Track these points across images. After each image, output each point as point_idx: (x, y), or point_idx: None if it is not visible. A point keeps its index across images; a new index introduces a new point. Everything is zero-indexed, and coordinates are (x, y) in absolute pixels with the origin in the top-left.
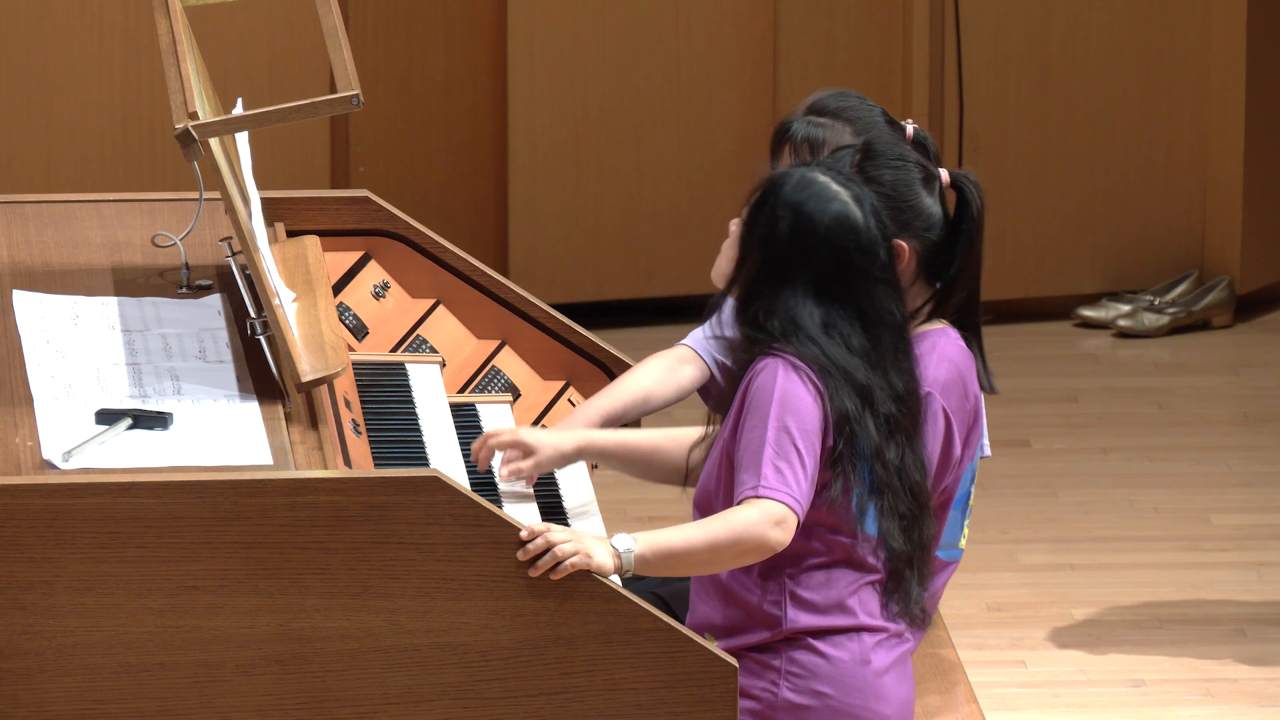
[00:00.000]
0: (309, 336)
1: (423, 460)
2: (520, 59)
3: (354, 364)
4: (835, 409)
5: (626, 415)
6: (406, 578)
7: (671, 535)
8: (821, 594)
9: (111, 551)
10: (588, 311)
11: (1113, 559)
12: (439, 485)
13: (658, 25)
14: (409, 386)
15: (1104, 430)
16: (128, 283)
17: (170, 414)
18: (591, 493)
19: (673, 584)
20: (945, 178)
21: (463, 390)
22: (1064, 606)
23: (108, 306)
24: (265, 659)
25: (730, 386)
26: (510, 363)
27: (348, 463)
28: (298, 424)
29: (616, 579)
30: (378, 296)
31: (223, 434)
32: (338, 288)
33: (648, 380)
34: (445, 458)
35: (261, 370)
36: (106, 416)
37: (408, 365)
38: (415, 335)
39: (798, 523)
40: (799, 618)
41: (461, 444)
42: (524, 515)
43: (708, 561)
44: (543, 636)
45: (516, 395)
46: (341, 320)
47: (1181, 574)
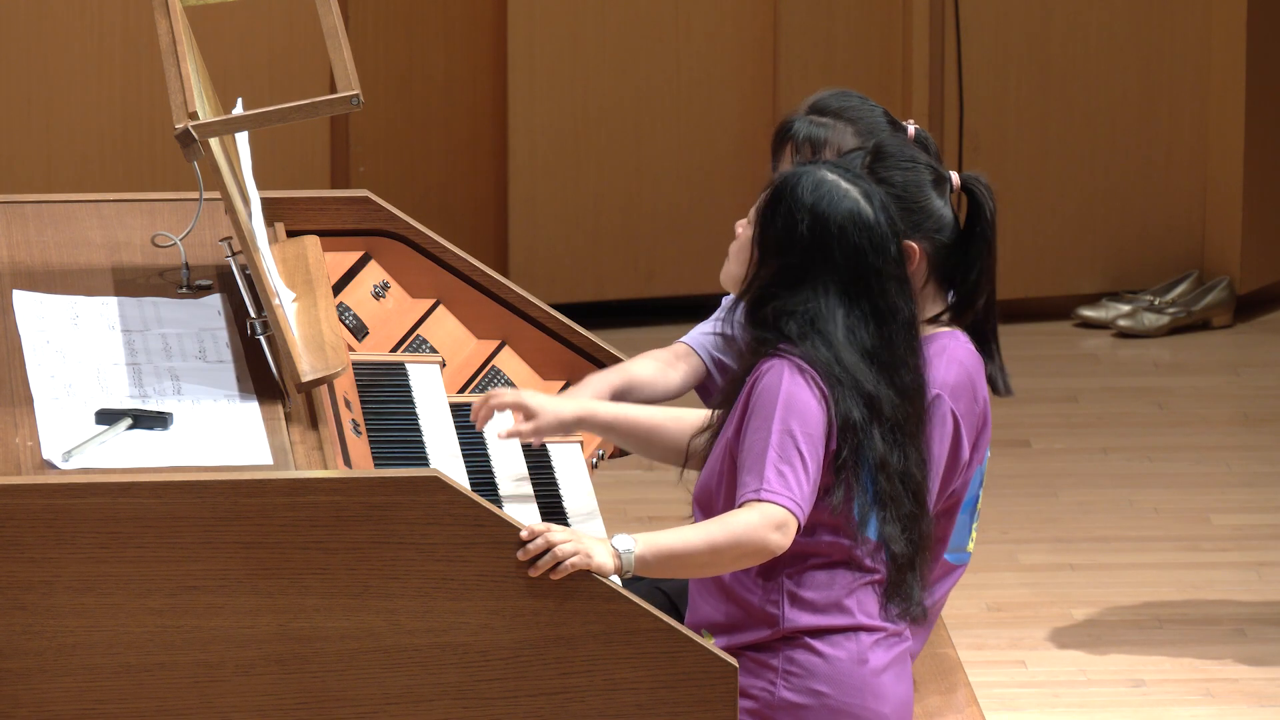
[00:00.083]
0: (309, 336)
1: (423, 460)
2: (520, 59)
3: (354, 364)
4: (840, 414)
5: (626, 396)
6: (406, 578)
7: (672, 537)
8: (820, 594)
9: (111, 551)
10: (588, 311)
11: (1113, 559)
12: (439, 485)
13: (658, 25)
14: (409, 386)
15: (1104, 430)
16: (128, 283)
17: (170, 414)
18: (591, 493)
19: (676, 580)
20: (956, 180)
21: (463, 390)
22: (1064, 606)
23: (108, 306)
24: (265, 659)
25: (734, 385)
26: (510, 363)
27: (348, 463)
28: (298, 424)
29: (616, 579)
30: (378, 296)
31: (223, 434)
32: (338, 288)
33: (644, 371)
34: (445, 458)
35: (261, 370)
36: (106, 416)
37: (408, 365)
38: (415, 335)
39: (798, 526)
40: (797, 617)
41: (461, 444)
42: (524, 515)
43: (708, 563)
44: (543, 636)
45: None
46: (341, 320)
47: (1181, 574)
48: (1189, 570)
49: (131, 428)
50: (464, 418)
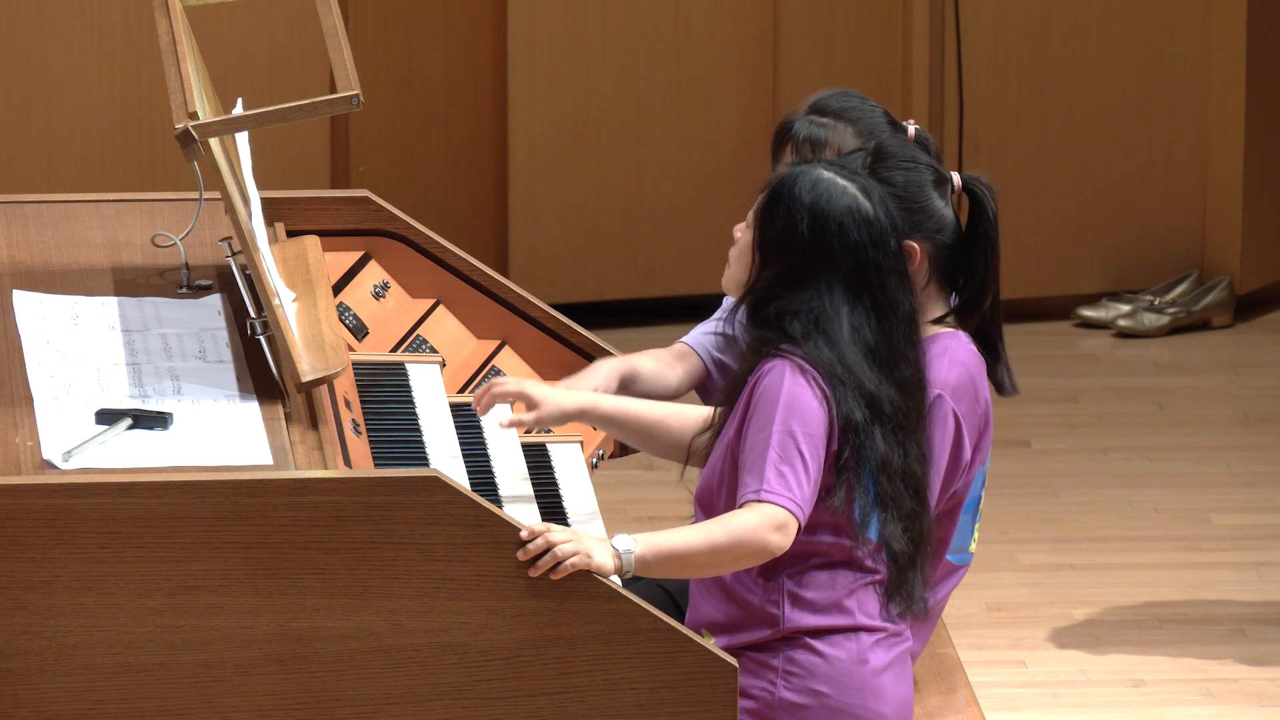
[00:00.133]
0: (309, 336)
1: (423, 460)
2: (520, 59)
3: (354, 364)
4: (842, 415)
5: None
6: (406, 578)
7: (672, 537)
8: (821, 594)
9: (111, 551)
10: (588, 311)
11: (1113, 559)
12: (439, 485)
13: (658, 25)
14: (409, 386)
15: (1104, 430)
16: (128, 283)
17: (170, 414)
18: (591, 493)
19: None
20: (958, 181)
21: (463, 390)
22: (1064, 606)
23: (108, 306)
24: (265, 659)
25: (736, 385)
26: (510, 363)
27: (348, 463)
28: (298, 424)
29: (616, 579)
30: (378, 296)
31: (223, 434)
32: (338, 288)
33: (647, 365)
34: (445, 458)
35: (261, 370)
36: (106, 416)
37: (408, 365)
38: (415, 335)
39: (799, 527)
40: (797, 617)
41: (461, 444)
42: (524, 515)
43: (708, 564)
44: (543, 636)
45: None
46: (341, 320)
47: (1181, 574)
48: (1189, 570)
49: (131, 428)
50: (464, 418)
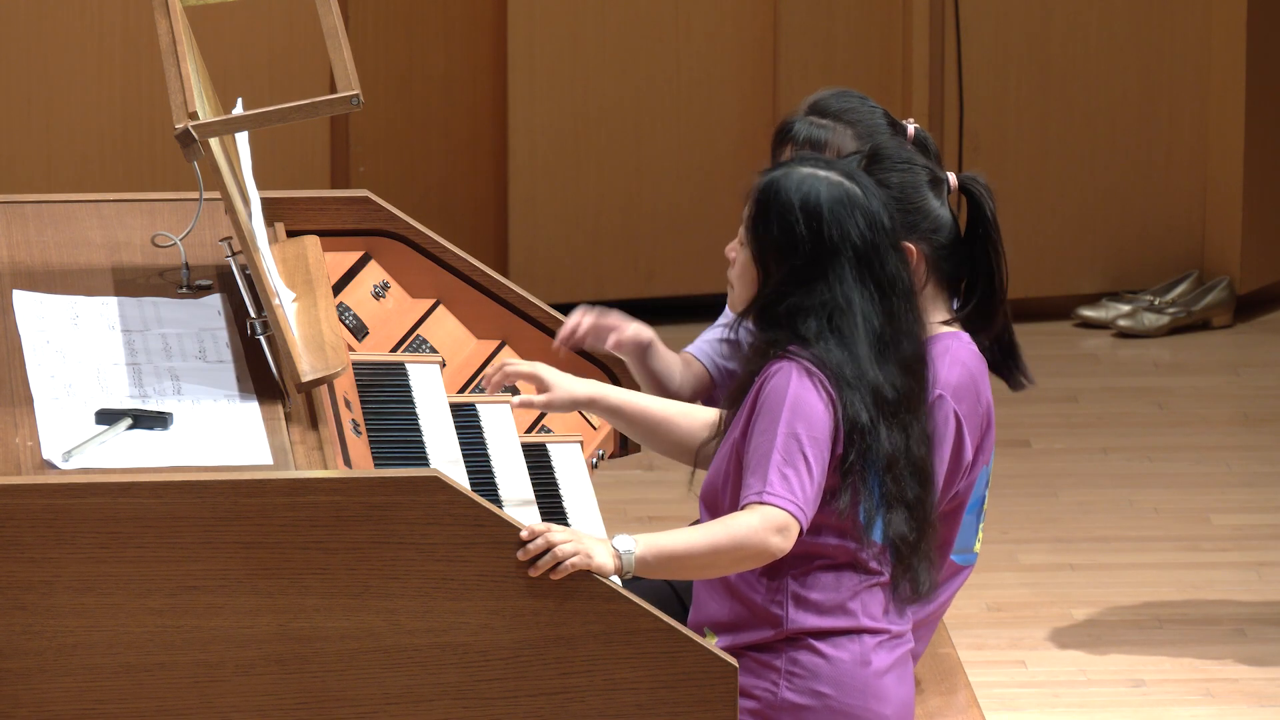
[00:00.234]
0: (309, 336)
1: (423, 460)
2: (520, 59)
3: (354, 364)
4: (848, 418)
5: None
6: (406, 578)
7: (673, 538)
8: (824, 595)
9: (111, 551)
10: None
11: (1113, 559)
12: (439, 485)
13: (658, 25)
14: (409, 386)
15: (1104, 430)
16: (128, 283)
17: (170, 414)
18: (591, 493)
19: None
20: (954, 182)
21: (463, 390)
22: (1064, 606)
23: (108, 306)
24: (265, 659)
25: (742, 386)
26: None
27: (348, 463)
28: (298, 424)
29: (617, 580)
30: (378, 296)
31: (223, 434)
32: (338, 288)
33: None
34: (445, 458)
35: (261, 370)
36: (106, 416)
37: (408, 365)
38: (415, 335)
39: (800, 530)
40: (800, 618)
41: (462, 444)
42: (524, 515)
43: (708, 565)
44: (543, 636)
45: (516, 395)
46: (341, 320)
47: (1181, 574)
48: (1189, 570)
49: (131, 428)
50: (464, 418)
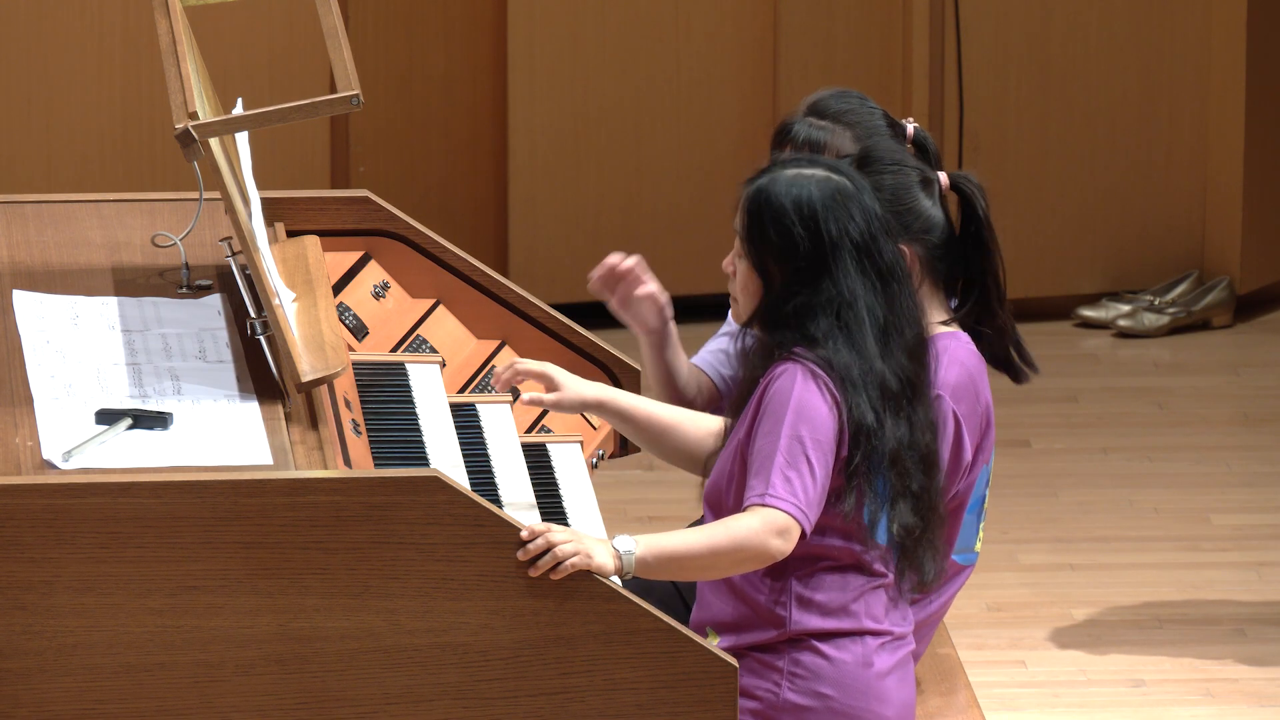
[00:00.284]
0: (309, 336)
1: (423, 460)
2: (520, 59)
3: (354, 364)
4: (853, 420)
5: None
6: (406, 578)
7: (673, 539)
8: (828, 597)
9: (111, 551)
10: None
11: (1113, 559)
12: (439, 485)
13: (658, 25)
14: (409, 386)
15: (1104, 430)
16: (128, 283)
17: (170, 414)
18: (591, 493)
19: None
20: (944, 181)
21: (463, 390)
22: (1064, 606)
23: (108, 306)
24: (265, 659)
25: (746, 389)
26: None
27: (348, 463)
28: (298, 424)
29: (617, 580)
30: (378, 296)
31: (223, 434)
32: (338, 288)
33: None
34: (445, 458)
35: (261, 370)
36: (106, 416)
37: (408, 365)
38: (415, 335)
39: (802, 532)
40: (804, 619)
41: (462, 444)
42: (524, 515)
43: (708, 567)
44: (543, 636)
45: (516, 395)
46: (341, 320)
47: (1181, 574)
48: (1189, 570)
49: (131, 428)
50: (464, 418)
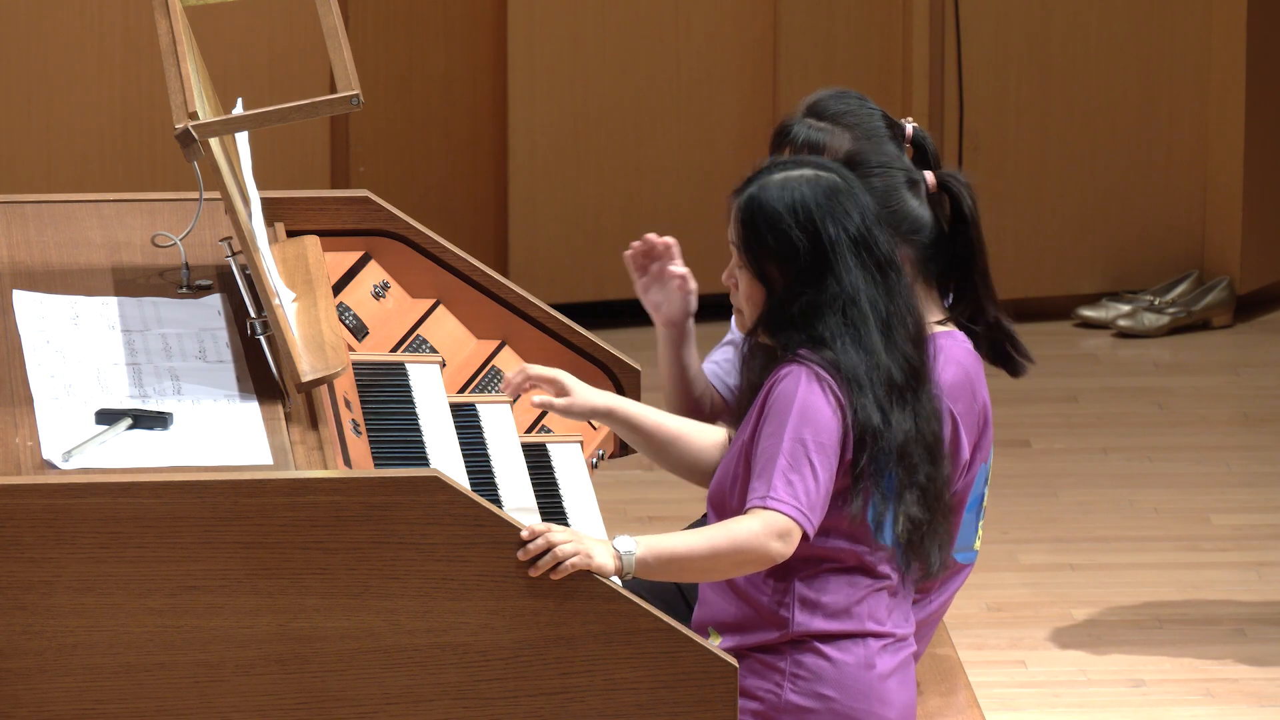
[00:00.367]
0: (309, 336)
1: (423, 460)
2: (520, 59)
3: (354, 364)
4: (858, 423)
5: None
6: (406, 578)
7: (674, 540)
8: (831, 599)
9: (111, 551)
10: (588, 311)
11: (1113, 559)
12: (439, 485)
13: (658, 25)
14: (409, 386)
15: (1104, 430)
16: (128, 283)
17: (170, 414)
18: (591, 493)
19: None
20: (931, 180)
21: (463, 390)
22: (1064, 606)
23: (108, 306)
24: (265, 659)
25: (750, 392)
26: (510, 363)
27: (348, 463)
28: (298, 424)
29: (617, 580)
30: (378, 296)
31: (223, 434)
32: (338, 288)
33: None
34: (445, 458)
35: (261, 370)
36: (106, 416)
37: (408, 365)
38: (415, 335)
39: (803, 535)
40: (806, 621)
41: (462, 444)
42: (524, 515)
43: (708, 569)
44: (543, 636)
45: (516, 395)
46: (341, 320)
47: (1181, 574)
48: (1189, 570)
49: (131, 428)
50: (464, 418)
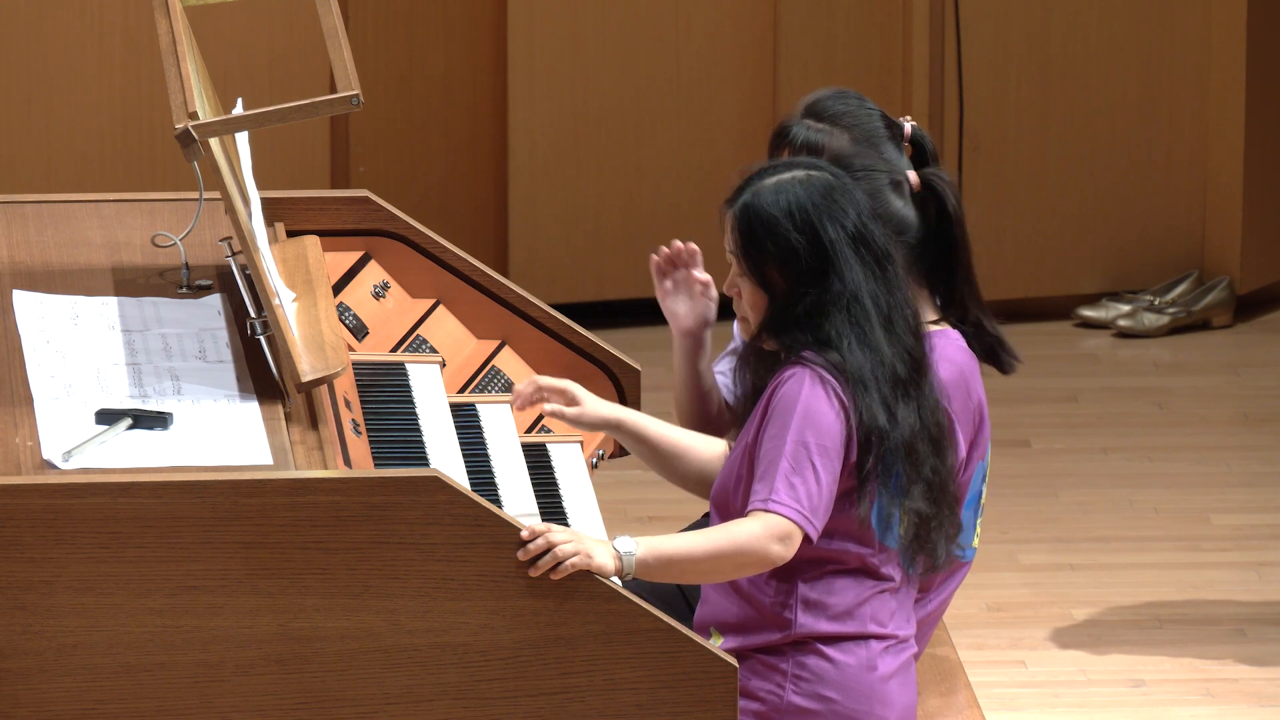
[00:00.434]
0: (309, 336)
1: (423, 460)
2: (520, 59)
3: (354, 364)
4: (864, 425)
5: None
6: (406, 578)
7: (674, 542)
8: (834, 600)
9: (111, 551)
10: (588, 311)
11: (1113, 559)
12: (439, 485)
13: (658, 25)
14: (409, 386)
15: (1104, 430)
16: (128, 283)
17: (170, 414)
18: (591, 493)
19: None
20: (915, 180)
21: (463, 390)
22: (1064, 606)
23: (108, 306)
24: (265, 659)
25: (754, 394)
26: (510, 363)
27: (348, 463)
28: (298, 424)
29: (617, 580)
30: (378, 296)
31: (223, 434)
32: (338, 288)
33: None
34: (445, 458)
35: (261, 370)
36: (106, 416)
37: (408, 365)
38: (415, 335)
39: (805, 538)
40: (809, 622)
41: (462, 444)
42: (524, 515)
43: (708, 570)
44: (543, 636)
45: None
46: (341, 320)
47: (1181, 574)
48: (1189, 570)
49: (131, 428)
50: (464, 418)
